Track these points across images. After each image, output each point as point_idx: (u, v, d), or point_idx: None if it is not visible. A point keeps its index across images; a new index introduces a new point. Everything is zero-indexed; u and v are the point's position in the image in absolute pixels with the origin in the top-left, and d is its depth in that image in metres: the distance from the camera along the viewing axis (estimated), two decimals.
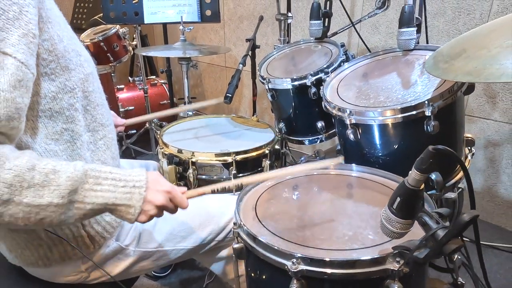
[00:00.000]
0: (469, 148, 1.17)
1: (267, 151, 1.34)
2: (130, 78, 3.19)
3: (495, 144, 1.97)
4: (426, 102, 0.94)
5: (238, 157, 1.28)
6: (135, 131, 2.91)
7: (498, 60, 0.66)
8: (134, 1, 1.89)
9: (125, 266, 0.92)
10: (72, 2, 3.56)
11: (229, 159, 1.27)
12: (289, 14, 1.77)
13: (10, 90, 0.62)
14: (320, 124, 1.41)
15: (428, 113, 0.93)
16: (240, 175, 1.30)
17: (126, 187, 0.73)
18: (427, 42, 1.51)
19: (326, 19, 1.52)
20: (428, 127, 0.96)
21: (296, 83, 1.34)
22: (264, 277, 0.80)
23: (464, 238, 1.43)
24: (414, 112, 0.96)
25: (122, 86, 2.98)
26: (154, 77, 3.30)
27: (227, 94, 1.48)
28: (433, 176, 1.04)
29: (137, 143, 2.94)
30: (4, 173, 0.60)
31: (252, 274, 0.84)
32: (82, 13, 3.57)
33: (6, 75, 0.61)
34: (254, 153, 1.31)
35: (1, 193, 0.60)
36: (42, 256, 0.81)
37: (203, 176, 1.31)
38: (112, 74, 2.73)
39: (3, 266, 0.88)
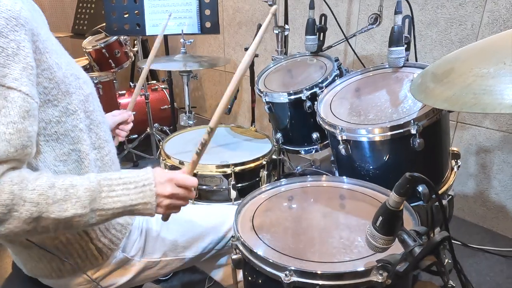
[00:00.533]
0: (456, 160, 1.24)
1: (264, 162, 1.40)
2: (131, 83, 3.25)
3: (486, 151, 2.04)
4: (412, 121, 1.00)
5: (237, 169, 1.35)
6: (136, 135, 2.98)
7: (472, 89, 0.72)
8: (135, 12, 1.95)
9: (131, 276, 0.98)
10: (74, 9, 3.63)
11: (228, 170, 1.34)
12: (286, 27, 1.83)
13: (21, 121, 0.67)
14: (315, 135, 1.48)
15: (413, 131, 1.00)
16: (239, 185, 1.37)
17: (137, 187, 0.78)
18: (416, 60, 1.57)
19: (321, 34, 1.58)
20: (414, 143, 1.02)
21: (292, 97, 1.41)
22: (260, 286, 0.86)
23: (456, 242, 1.50)
24: (401, 130, 1.02)
25: (124, 91, 3.05)
26: (154, 82, 3.37)
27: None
28: (420, 188, 1.11)
29: (139, 147, 3.01)
30: (29, 194, 0.66)
31: (249, 282, 0.90)
32: (84, 19, 3.63)
33: (15, 108, 0.66)
34: (252, 164, 1.38)
35: (31, 212, 0.66)
36: (55, 268, 0.88)
37: (204, 187, 1.38)
38: (114, 81, 2.79)
39: (20, 277, 0.95)
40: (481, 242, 1.99)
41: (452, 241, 1.98)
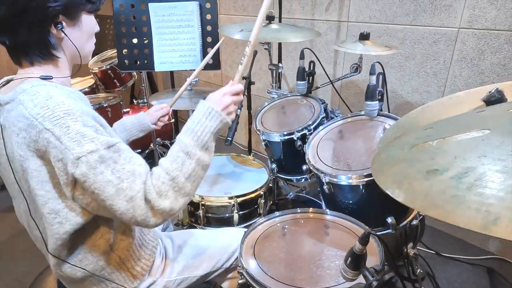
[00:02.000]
0: None
1: (262, 193, 1.65)
2: (134, 101, 3.46)
3: None
4: None
5: (239, 200, 1.59)
6: (140, 150, 3.19)
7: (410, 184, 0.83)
8: (145, 50, 2.16)
9: None
10: None
11: (232, 201, 1.58)
12: (280, 65, 2.07)
13: (133, 154, 0.94)
14: (305, 167, 1.71)
15: None
16: (241, 212, 1.62)
17: (208, 117, 1.02)
18: (389, 111, 1.79)
19: (310, 77, 1.83)
20: None
21: (285, 137, 1.65)
22: None
23: (431, 251, 1.79)
24: (372, 178, 1.27)
25: (128, 109, 3.26)
26: None
27: (228, 138, 1.78)
28: (389, 220, 1.37)
29: None
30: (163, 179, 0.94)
31: None
32: None
33: (126, 148, 0.93)
34: (252, 195, 1.62)
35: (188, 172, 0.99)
36: None
37: (212, 214, 1.62)
38: (121, 103, 3.00)
39: None
40: (452, 251, 2.25)
41: (426, 250, 2.24)
